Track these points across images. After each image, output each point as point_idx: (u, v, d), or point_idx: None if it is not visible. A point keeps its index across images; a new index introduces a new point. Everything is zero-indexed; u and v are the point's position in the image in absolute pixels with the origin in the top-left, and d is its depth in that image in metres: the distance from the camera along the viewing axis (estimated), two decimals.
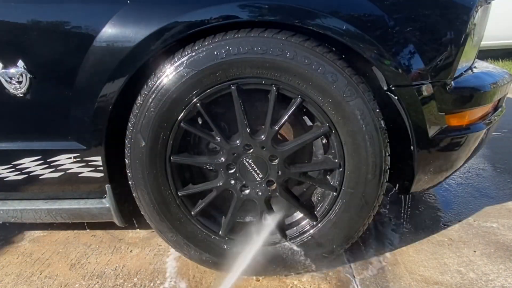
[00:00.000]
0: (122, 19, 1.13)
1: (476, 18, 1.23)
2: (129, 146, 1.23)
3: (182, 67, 1.14)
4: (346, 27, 1.10)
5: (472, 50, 1.35)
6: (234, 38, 1.12)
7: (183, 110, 1.19)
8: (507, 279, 1.31)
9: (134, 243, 1.63)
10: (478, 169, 2.21)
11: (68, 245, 1.65)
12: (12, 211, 1.39)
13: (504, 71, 1.56)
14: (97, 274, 1.45)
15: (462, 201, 1.84)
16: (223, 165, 1.25)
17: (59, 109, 1.23)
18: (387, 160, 1.20)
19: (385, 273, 1.37)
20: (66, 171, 1.31)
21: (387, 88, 1.19)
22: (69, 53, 1.17)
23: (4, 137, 1.29)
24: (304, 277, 1.37)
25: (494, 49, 5.40)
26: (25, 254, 1.60)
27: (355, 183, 1.22)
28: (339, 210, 1.26)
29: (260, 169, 1.24)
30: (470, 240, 1.54)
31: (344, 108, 1.15)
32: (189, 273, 1.42)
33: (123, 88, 1.18)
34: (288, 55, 1.11)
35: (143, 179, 1.25)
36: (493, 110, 1.45)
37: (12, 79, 1.19)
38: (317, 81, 1.13)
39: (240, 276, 1.37)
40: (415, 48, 1.13)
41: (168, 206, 1.29)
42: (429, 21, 1.13)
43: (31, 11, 1.16)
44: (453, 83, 1.20)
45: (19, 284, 1.42)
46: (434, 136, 1.22)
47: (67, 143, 1.27)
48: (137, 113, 1.20)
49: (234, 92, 1.17)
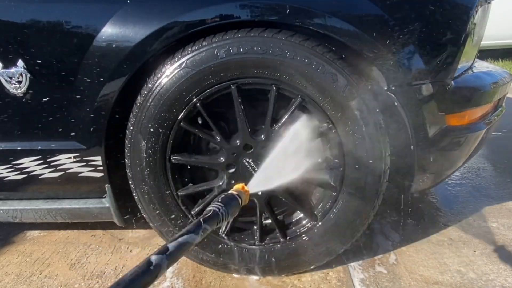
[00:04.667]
0: (122, 19, 1.13)
1: (476, 18, 1.23)
2: (129, 146, 1.23)
3: (182, 67, 1.14)
4: (346, 26, 1.10)
5: (472, 50, 1.35)
6: (234, 38, 1.12)
7: (183, 110, 1.19)
8: (507, 279, 1.31)
9: (134, 243, 1.63)
10: (478, 169, 2.21)
11: (68, 245, 1.65)
12: (12, 211, 1.39)
13: (504, 71, 1.56)
14: (97, 274, 1.45)
15: (462, 201, 1.84)
16: (223, 165, 1.25)
17: (59, 109, 1.23)
18: (387, 160, 1.20)
19: (385, 273, 1.37)
20: (66, 171, 1.31)
21: (387, 88, 1.19)
22: (69, 53, 1.17)
23: (4, 137, 1.29)
24: (304, 277, 1.37)
25: (494, 49, 5.40)
26: (25, 254, 1.60)
27: (355, 183, 1.22)
28: (339, 210, 1.26)
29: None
30: (470, 240, 1.54)
31: (344, 108, 1.15)
32: (189, 273, 1.42)
33: (123, 88, 1.18)
34: (288, 55, 1.11)
35: (143, 179, 1.25)
36: (493, 110, 1.45)
37: (12, 79, 1.19)
38: (317, 81, 1.13)
39: (240, 276, 1.37)
40: (415, 48, 1.13)
41: (168, 206, 1.29)
42: (429, 21, 1.13)
43: (31, 11, 1.16)
44: (453, 83, 1.20)
45: (19, 284, 1.42)
46: (434, 136, 1.22)
47: (67, 143, 1.27)
48: (137, 113, 1.20)
49: (234, 92, 1.17)
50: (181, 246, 0.80)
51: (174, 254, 0.78)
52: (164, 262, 0.75)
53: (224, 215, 0.95)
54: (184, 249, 0.81)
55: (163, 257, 0.75)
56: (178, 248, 0.79)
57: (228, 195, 1.03)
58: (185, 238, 0.82)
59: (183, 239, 0.82)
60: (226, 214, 0.96)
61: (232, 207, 1.00)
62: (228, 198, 1.01)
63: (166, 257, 0.76)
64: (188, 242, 0.82)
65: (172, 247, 0.79)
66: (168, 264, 0.76)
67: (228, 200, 1.00)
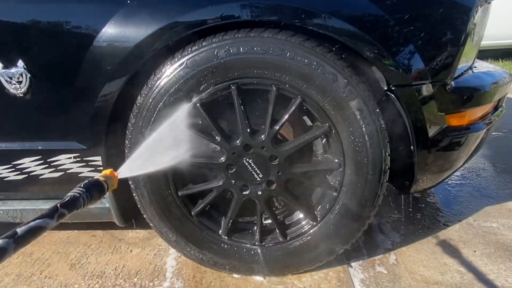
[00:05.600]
0: (122, 19, 1.13)
1: (476, 18, 1.23)
2: (129, 146, 1.23)
3: (182, 67, 1.14)
4: (346, 27, 1.10)
5: (472, 50, 1.35)
6: (234, 38, 1.12)
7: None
8: (507, 279, 1.31)
9: (134, 243, 1.63)
10: (478, 169, 2.21)
11: (68, 245, 1.65)
12: (12, 211, 1.39)
13: (504, 71, 1.56)
14: (97, 274, 1.45)
15: (462, 201, 1.84)
16: (223, 165, 1.25)
17: (59, 109, 1.23)
18: (387, 160, 1.20)
19: (385, 273, 1.37)
20: (66, 171, 1.31)
21: (387, 88, 1.19)
22: (69, 53, 1.17)
23: (4, 137, 1.29)
24: (304, 277, 1.37)
25: (494, 49, 5.40)
26: (25, 254, 1.60)
27: (355, 183, 1.22)
28: (339, 210, 1.26)
29: (260, 169, 1.24)
30: (470, 240, 1.54)
31: (344, 108, 1.15)
32: (189, 273, 1.42)
33: (123, 88, 1.18)
34: (288, 55, 1.11)
35: (143, 179, 1.25)
36: (493, 110, 1.45)
37: (12, 79, 1.19)
38: (317, 81, 1.13)
39: (240, 276, 1.37)
40: (415, 48, 1.13)
41: (168, 206, 1.29)
42: (429, 21, 1.13)
43: (31, 11, 1.16)
44: (453, 83, 1.20)
45: (19, 284, 1.42)
46: (434, 136, 1.22)
47: (67, 143, 1.27)
48: (137, 113, 1.20)
49: (234, 92, 1.17)
50: (32, 229, 0.80)
51: (23, 237, 0.79)
52: (11, 245, 0.75)
53: (85, 200, 0.95)
54: (36, 233, 0.81)
55: (9, 241, 0.75)
56: (28, 231, 0.79)
57: (91, 180, 1.02)
58: (38, 222, 0.82)
59: (35, 223, 0.81)
60: (88, 199, 0.96)
61: (95, 192, 0.99)
62: (91, 183, 1.01)
63: (13, 240, 0.76)
64: (41, 226, 0.82)
65: (21, 231, 0.79)
66: (15, 248, 0.76)
67: (91, 185, 1.00)
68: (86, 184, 0.99)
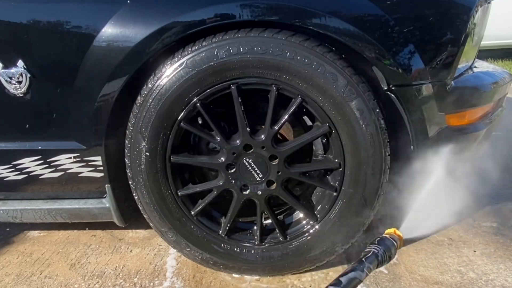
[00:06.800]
0: (122, 19, 1.13)
1: (476, 18, 1.23)
2: (129, 146, 1.23)
3: (182, 67, 1.14)
4: (346, 27, 1.10)
5: (472, 50, 1.35)
6: (234, 38, 1.12)
7: (183, 110, 1.19)
8: (507, 279, 1.31)
9: (134, 243, 1.63)
10: (478, 169, 2.20)
11: (68, 245, 1.65)
12: (12, 211, 1.39)
13: (504, 71, 1.56)
14: (97, 274, 1.45)
15: (462, 201, 1.84)
16: (223, 165, 1.25)
17: (59, 109, 1.23)
18: (387, 160, 1.20)
19: (385, 273, 1.37)
20: (66, 171, 1.31)
21: (387, 88, 1.19)
22: (69, 53, 1.17)
23: (4, 137, 1.29)
24: (304, 277, 1.37)
25: (494, 49, 5.40)
26: (25, 254, 1.60)
27: (355, 183, 1.22)
28: (339, 210, 1.26)
29: (260, 169, 1.24)
30: (470, 240, 1.54)
31: (344, 108, 1.15)
32: (189, 273, 1.42)
33: (123, 88, 1.18)
34: (288, 55, 1.11)
35: (143, 179, 1.25)
36: (493, 110, 1.45)
37: (12, 79, 1.19)
38: (317, 81, 1.13)
39: (240, 276, 1.37)
40: (415, 48, 1.13)
41: (168, 206, 1.29)
42: (429, 21, 1.13)
43: (31, 11, 1.16)
44: (453, 83, 1.20)
45: (19, 284, 1.42)
46: (434, 136, 1.22)
47: (67, 143, 1.27)
48: (137, 113, 1.20)
49: (234, 92, 1.17)
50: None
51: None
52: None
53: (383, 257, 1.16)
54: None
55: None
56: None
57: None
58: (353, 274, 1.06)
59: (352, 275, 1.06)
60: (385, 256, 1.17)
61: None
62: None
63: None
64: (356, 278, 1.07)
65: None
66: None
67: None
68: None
